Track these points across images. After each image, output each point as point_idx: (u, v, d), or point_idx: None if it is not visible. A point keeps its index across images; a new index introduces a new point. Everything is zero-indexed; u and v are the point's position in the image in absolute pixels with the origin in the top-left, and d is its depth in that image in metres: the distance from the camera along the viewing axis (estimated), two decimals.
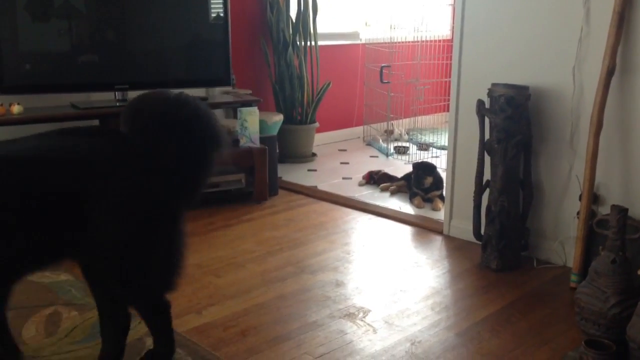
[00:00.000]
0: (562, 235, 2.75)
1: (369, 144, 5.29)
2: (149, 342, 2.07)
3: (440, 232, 3.19)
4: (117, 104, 3.43)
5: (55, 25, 3.29)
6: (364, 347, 2.09)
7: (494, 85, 2.71)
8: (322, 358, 2.01)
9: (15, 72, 3.17)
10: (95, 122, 3.54)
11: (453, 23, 4.45)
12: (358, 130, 5.51)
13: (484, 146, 2.78)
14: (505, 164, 2.67)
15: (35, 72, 3.25)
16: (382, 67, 4.96)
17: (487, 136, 2.76)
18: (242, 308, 2.36)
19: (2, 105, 3.06)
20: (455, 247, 3.02)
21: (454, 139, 3.07)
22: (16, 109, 3.09)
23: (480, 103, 2.75)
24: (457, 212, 3.11)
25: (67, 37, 3.36)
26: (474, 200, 2.84)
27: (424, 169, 3.72)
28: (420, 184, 3.67)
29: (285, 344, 2.09)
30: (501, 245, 2.70)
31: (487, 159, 2.77)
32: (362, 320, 2.27)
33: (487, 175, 2.80)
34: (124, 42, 3.48)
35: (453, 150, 3.09)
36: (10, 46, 3.15)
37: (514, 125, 2.64)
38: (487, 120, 2.74)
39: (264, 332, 2.17)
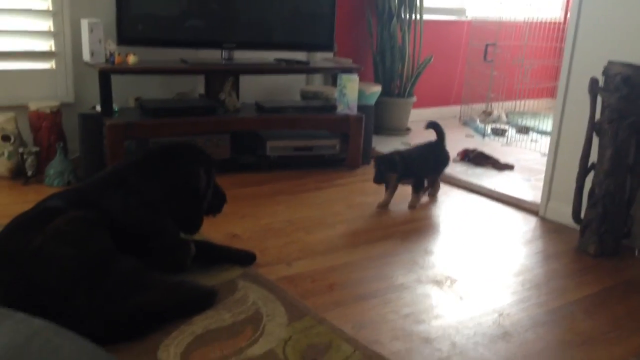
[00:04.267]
0: None
1: (465, 124, 5.18)
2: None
3: (535, 214, 3.09)
4: (223, 62, 3.54)
5: None
6: (450, 312, 2.07)
7: (610, 63, 2.57)
8: (408, 318, 2.02)
9: (131, 26, 3.33)
10: (202, 77, 3.69)
11: (568, 2, 4.26)
12: (455, 109, 5.40)
13: (593, 126, 2.65)
14: (615, 146, 2.54)
15: (149, 28, 3.39)
16: (487, 45, 4.82)
17: (597, 117, 2.63)
18: (330, 264, 2.40)
19: (119, 55, 3.24)
20: (550, 229, 2.92)
21: (560, 119, 2.95)
22: (132, 59, 3.26)
23: (593, 81, 2.62)
24: (556, 194, 3.00)
25: None
26: (576, 181, 2.73)
27: (385, 164, 3.07)
28: (384, 180, 3.10)
29: (371, 301, 2.12)
30: (602, 230, 2.59)
31: (595, 141, 2.65)
32: (449, 288, 2.25)
33: (592, 158, 2.68)
34: (233, 3, 3.57)
35: (558, 131, 2.97)
36: (127, 2, 3.30)
37: (629, 105, 2.50)
38: (599, 100, 2.62)
39: (350, 288, 2.20)
